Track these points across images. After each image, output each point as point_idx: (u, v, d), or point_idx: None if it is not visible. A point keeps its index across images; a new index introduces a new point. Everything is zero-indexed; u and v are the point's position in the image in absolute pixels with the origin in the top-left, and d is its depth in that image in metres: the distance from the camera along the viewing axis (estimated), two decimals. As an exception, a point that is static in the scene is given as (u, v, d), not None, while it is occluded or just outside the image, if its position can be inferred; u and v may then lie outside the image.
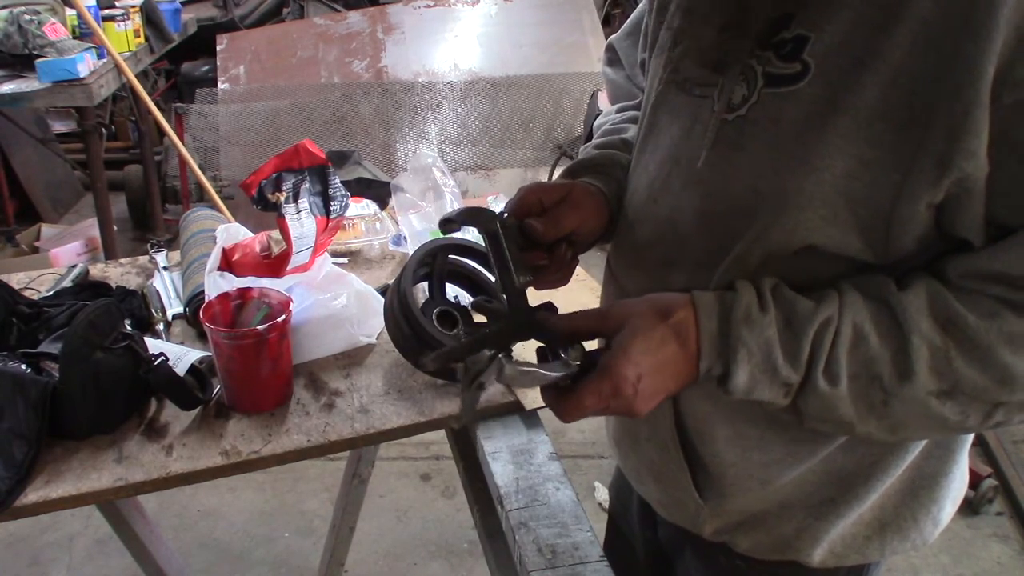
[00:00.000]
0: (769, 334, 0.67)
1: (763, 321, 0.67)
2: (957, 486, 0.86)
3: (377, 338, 1.27)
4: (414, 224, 1.53)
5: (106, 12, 3.16)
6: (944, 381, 0.64)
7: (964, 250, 0.66)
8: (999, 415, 0.65)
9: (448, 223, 0.78)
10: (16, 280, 1.42)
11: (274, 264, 1.29)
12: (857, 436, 0.70)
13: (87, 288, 1.37)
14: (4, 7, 2.91)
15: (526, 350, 0.83)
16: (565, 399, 0.70)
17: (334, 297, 1.23)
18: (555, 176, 0.99)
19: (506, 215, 0.81)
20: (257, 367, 1.08)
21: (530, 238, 0.80)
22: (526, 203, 0.82)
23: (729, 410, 0.80)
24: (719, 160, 0.73)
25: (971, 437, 0.84)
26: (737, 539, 0.88)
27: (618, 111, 1.04)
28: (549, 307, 0.77)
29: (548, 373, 0.70)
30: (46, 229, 3.87)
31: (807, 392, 0.67)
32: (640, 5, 0.98)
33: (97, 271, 1.50)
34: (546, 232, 0.80)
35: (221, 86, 3.78)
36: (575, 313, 0.74)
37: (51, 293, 1.35)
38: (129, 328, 1.13)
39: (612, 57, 1.08)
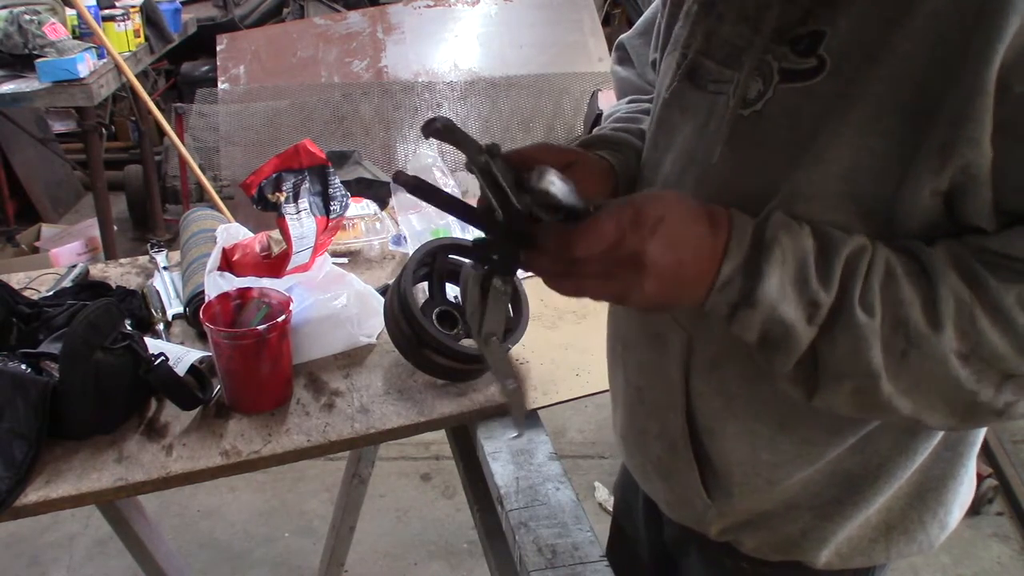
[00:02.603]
0: (806, 244, 0.63)
1: (802, 232, 0.64)
2: (965, 490, 0.86)
3: (377, 338, 1.27)
4: (414, 224, 1.53)
5: (106, 12, 3.16)
6: (966, 341, 0.62)
7: (976, 232, 0.65)
8: (1008, 391, 0.63)
9: (428, 125, 0.68)
10: (16, 280, 1.42)
11: (274, 264, 1.29)
12: (880, 398, 0.64)
13: (87, 288, 1.36)
14: (4, 7, 2.91)
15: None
16: (579, 226, 0.63)
17: (334, 297, 1.24)
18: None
19: (496, 148, 0.69)
20: (257, 367, 1.08)
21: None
22: (531, 157, 0.76)
23: (741, 407, 0.79)
24: (734, 156, 0.73)
25: (980, 440, 0.83)
26: (743, 539, 0.88)
27: (629, 102, 1.02)
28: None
29: (580, 199, 0.63)
30: (46, 229, 3.87)
31: (839, 323, 0.62)
32: (653, 4, 0.97)
33: (97, 271, 1.50)
34: None
35: (221, 86, 3.78)
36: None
37: (51, 293, 1.35)
38: (129, 328, 1.13)
39: (622, 55, 1.08)
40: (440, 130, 0.68)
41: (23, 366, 1.07)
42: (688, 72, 0.79)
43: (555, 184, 0.61)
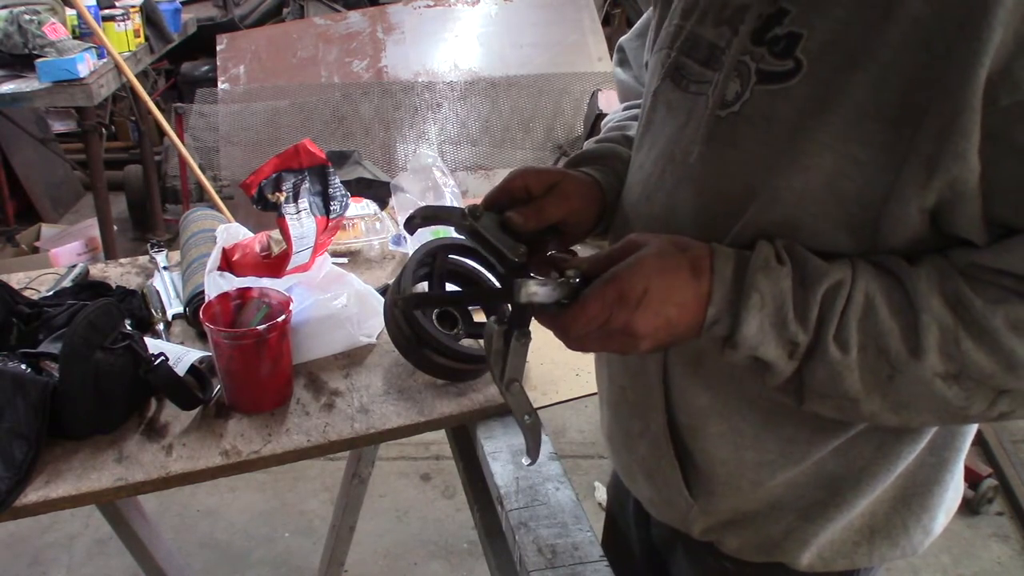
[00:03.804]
0: (784, 286, 0.65)
1: (780, 272, 0.65)
2: (951, 496, 0.86)
3: (377, 338, 1.27)
4: (414, 224, 1.53)
5: (106, 12, 3.16)
6: (952, 363, 0.63)
7: (967, 245, 0.65)
8: (1003, 404, 0.64)
9: (410, 221, 0.76)
10: (16, 280, 1.42)
11: (274, 264, 1.28)
12: (861, 415, 0.68)
13: (87, 288, 1.36)
14: (4, 7, 2.91)
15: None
16: (567, 310, 0.68)
17: (334, 297, 1.24)
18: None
19: (479, 208, 0.78)
20: (257, 367, 1.08)
21: (512, 230, 0.77)
22: (513, 188, 0.79)
23: (725, 406, 0.79)
24: (712, 156, 0.73)
25: (967, 446, 0.83)
26: (725, 538, 0.87)
27: (624, 109, 1.04)
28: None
29: (564, 281, 0.70)
30: (46, 229, 3.86)
31: (815, 358, 0.65)
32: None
33: (97, 271, 1.50)
34: (527, 223, 0.77)
35: (221, 86, 3.78)
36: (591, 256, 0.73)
37: (51, 293, 1.35)
38: (129, 328, 1.13)
39: (622, 58, 1.08)
40: (423, 221, 0.78)
41: (23, 366, 1.07)
42: (671, 72, 0.79)
43: (536, 293, 0.68)
